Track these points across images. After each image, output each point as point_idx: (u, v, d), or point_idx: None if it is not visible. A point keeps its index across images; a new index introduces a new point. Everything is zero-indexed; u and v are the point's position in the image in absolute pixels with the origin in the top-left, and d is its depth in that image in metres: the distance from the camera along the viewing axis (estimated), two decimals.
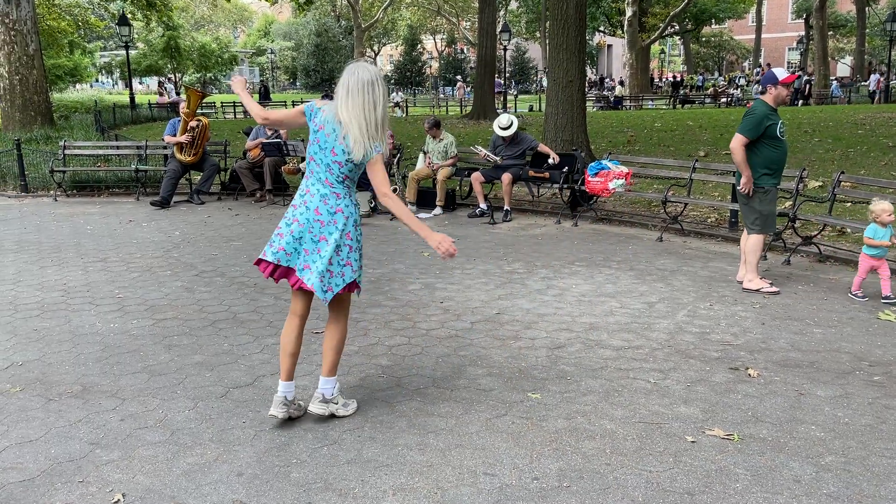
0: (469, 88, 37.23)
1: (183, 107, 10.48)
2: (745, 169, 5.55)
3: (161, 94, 34.78)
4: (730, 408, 3.65)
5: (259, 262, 3.42)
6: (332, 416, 3.54)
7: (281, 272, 3.40)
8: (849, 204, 8.13)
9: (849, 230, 7.27)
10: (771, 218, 5.67)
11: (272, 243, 3.37)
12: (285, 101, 31.82)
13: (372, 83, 3.25)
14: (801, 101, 30.14)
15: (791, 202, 6.92)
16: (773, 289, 5.63)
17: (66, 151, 11.19)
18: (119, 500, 2.87)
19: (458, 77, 41.20)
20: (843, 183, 6.74)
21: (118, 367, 4.24)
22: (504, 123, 8.91)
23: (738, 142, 5.52)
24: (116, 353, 4.47)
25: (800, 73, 35.18)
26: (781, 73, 5.59)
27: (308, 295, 3.49)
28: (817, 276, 6.12)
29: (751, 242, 5.69)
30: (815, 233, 6.88)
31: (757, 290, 5.64)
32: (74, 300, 5.58)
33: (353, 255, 3.38)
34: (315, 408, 3.50)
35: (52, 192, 11.01)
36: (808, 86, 32.45)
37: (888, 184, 6.69)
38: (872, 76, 34.52)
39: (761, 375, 4.05)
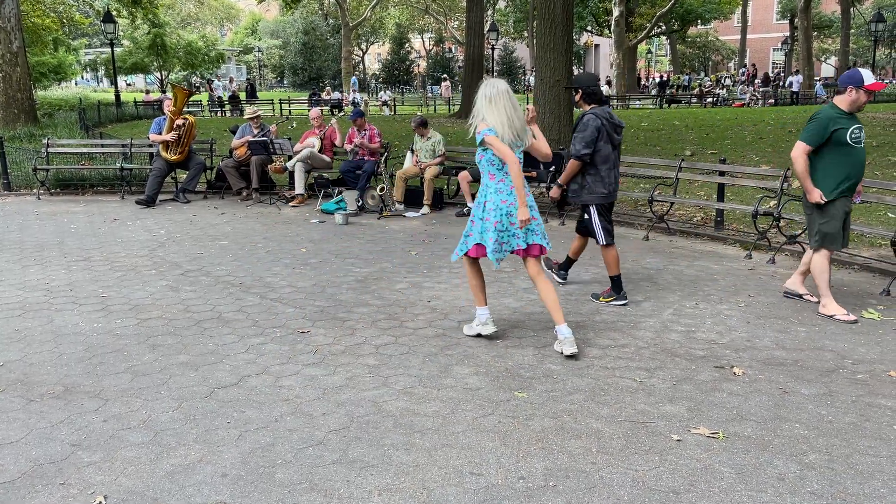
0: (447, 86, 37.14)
1: (168, 105, 10.41)
2: (806, 180, 4.98)
3: (213, 91, 34.57)
4: (715, 406, 3.67)
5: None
6: (307, 419, 3.53)
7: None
8: None
9: None
10: (835, 235, 5.01)
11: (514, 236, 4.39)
12: (272, 100, 31.65)
13: (507, 91, 4.30)
14: None
15: (776, 201, 6.96)
16: (851, 317, 4.94)
17: (50, 149, 11.08)
18: (101, 502, 2.84)
19: (445, 76, 41.06)
20: None
21: (101, 367, 4.20)
22: None
23: (798, 150, 4.98)
24: (100, 353, 4.42)
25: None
26: (868, 76, 4.92)
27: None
28: None
29: (815, 263, 5.11)
30: (800, 231, 6.92)
31: (831, 317, 4.99)
32: (57, 300, 5.53)
33: (475, 228, 4.45)
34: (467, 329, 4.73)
35: (35, 190, 10.90)
36: None
37: (871, 183, 6.74)
38: (793, 77, 34.30)
39: (746, 374, 4.07)
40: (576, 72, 14.64)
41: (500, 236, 4.33)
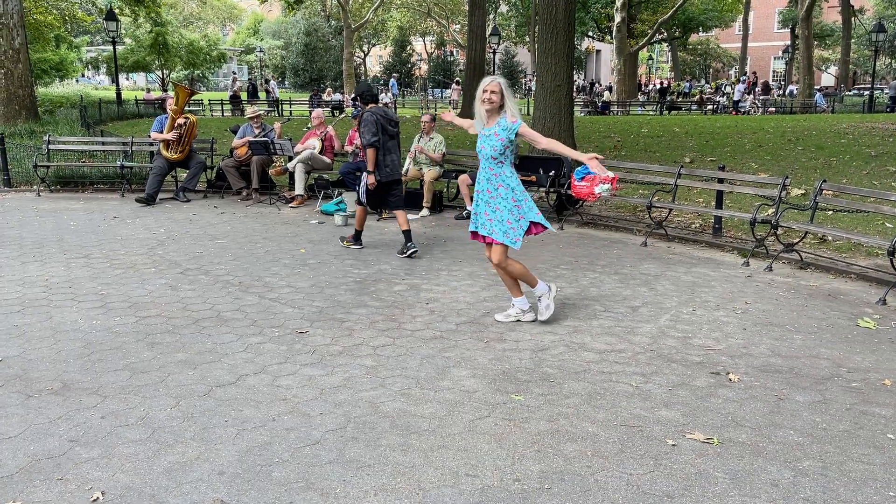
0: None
1: (170, 103, 10.43)
2: None
3: (268, 92, 34.48)
4: (710, 412, 3.69)
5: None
6: (302, 417, 3.55)
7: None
8: (830, 212, 8.22)
9: (830, 238, 7.35)
10: None
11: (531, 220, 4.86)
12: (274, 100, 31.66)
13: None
14: None
15: (774, 209, 6.99)
16: None
17: (51, 146, 11.10)
18: (98, 498, 2.85)
19: (458, 80, 41.02)
20: (825, 191, 6.81)
21: (100, 364, 4.21)
22: None
23: None
24: (98, 350, 4.44)
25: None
26: None
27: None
28: (798, 283, 6.18)
29: None
30: (797, 240, 6.96)
31: None
32: (56, 296, 5.54)
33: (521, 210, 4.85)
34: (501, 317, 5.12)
35: (35, 187, 10.91)
36: None
37: (869, 192, 6.78)
38: (739, 86, 34.11)
39: (742, 380, 4.09)
40: (577, 78, 14.68)
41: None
